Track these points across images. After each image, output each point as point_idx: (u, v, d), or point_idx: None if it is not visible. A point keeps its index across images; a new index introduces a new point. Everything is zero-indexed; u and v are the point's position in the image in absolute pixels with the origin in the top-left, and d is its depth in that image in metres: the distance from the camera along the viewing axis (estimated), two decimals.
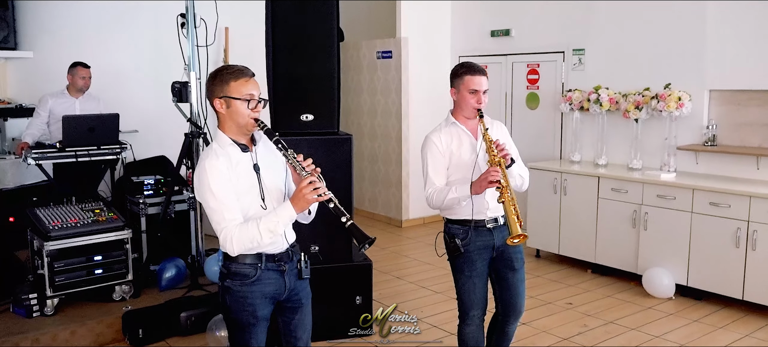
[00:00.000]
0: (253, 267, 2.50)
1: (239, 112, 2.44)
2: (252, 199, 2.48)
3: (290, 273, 2.60)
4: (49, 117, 5.43)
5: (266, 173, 2.52)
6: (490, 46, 7.17)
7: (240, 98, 2.43)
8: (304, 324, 2.71)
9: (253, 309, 2.52)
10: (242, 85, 2.44)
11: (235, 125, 2.48)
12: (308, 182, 2.37)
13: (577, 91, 6.14)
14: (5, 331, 3.97)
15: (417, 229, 7.46)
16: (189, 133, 4.87)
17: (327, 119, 4.19)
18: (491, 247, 3.14)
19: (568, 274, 5.72)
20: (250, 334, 2.56)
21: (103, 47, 6.42)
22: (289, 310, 2.66)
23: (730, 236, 4.72)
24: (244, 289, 2.51)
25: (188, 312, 4.30)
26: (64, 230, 4.24)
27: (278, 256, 2.55)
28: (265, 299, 2.55)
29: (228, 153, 2.45)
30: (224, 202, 2.39)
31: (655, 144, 5.66)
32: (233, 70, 2.47)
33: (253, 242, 2.40)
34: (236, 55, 7.07)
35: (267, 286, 2.54)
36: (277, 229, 2.41)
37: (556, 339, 4.32)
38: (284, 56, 4.12)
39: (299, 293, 2.65)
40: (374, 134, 7.95)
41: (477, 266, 3.14)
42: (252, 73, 2.49)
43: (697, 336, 4.37)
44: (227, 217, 2.39)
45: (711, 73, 5.34)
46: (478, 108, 3.04)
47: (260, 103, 2.48)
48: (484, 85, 3.06)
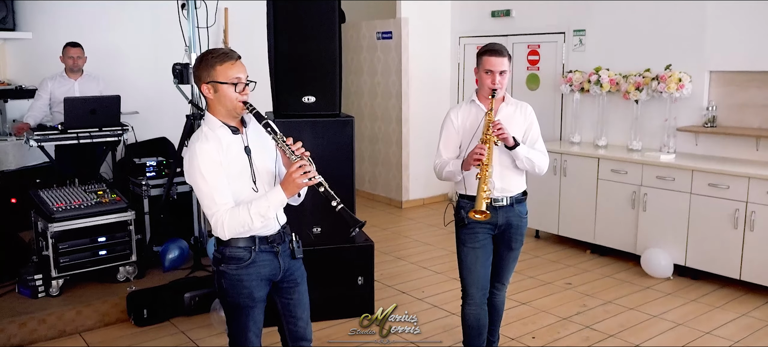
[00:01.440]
0: (247, 250, 2.51)
1: (227, 96, 2.42)
2: (243, 182, 2.47)
3: (284, 254, 2.61)
4: (51, 99, 5.43)
5: (257, 156, 2.51)
6: (491, 26, 7.15)
7: (227, 82, 2.40)
8: (303, 303, 2.73)
9: (249, 291, 2.54)
10: (228, 68, 2.41)
11: (224, 109, 2.45)
12: (298, 166, 2.35)
13: (577, 72, 6.14)
14: (11, 311, 4.01)
15: (417, 210, 7.50)
16: (190, 115, 4.87)
17: (329, 100, 4.19)
18: (494, 224, 3.20)
19: (567, 254, 5.77)
20: (247, 316, 2.57)
21: (103, 28, 6.39)
22: (286, 291, 2.67)
23: (729, 217, 4.76)
24: (240, 272, 2.52)
25: (192, 293, 4.35)
26: (68, 211, 4.27)
27: (271, 238, 2.56)
28: (261, 281, 2.56)
29: (218, 136, 2.44)
30: (215, 185, 2.39)
31: (655, 125, 5.68)
32: (218, 54, 2.43)
33: (244, 227, 2.40)
34: (236, 36, 7.05)
35: (262, 268, 2.55)
36: (268, 213, 2.41)
37: (555, 319, 4.38)
38: (285, 38, 4.11)
39: (294, 272, 2.67)
40: (374, 116, 7.96)
41: (479, 238, 3.20)
42: (238, 55, 2.46)
43: (694, 315, 4.43)
44: (218, 201, 2.39)
45: (711, 54, 5.35)
46: (492, 88, 3.09)
47: (248, 85, 2.46)
48: (499, 66, 3.08)
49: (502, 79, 3.09)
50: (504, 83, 3.11)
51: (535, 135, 3.21)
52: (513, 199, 3.20)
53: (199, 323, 4.24)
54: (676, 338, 4.08)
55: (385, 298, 4.69)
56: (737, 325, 4.27)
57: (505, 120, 3.14)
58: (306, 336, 2.76)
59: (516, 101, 3.26)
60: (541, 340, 4.05)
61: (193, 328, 4.18)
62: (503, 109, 3.20)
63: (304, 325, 2.74)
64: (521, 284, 5.01)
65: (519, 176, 3.23)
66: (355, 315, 4.29)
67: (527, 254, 5.79)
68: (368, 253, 4.33)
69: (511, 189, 3.20)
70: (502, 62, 3.08)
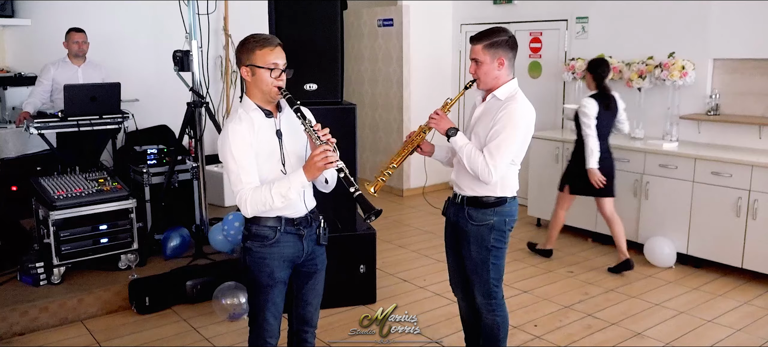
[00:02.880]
0: (273, 229, 2.58)
1: (263, 80, 2.50)
2: (272, 164, 2.55)
3: (309, 238, 2.67)
4: (52, 86, 5.40)
5: (288, 140, 2.59)
6: (493, 13, 7.11)
7: (264, 67, 2.49)
8: (317, 290, 2.80)
9: (270, 270, 2.61)
10: (267, 54, 2.49)
11: (260, 92, 2.54)
12: (320, 150, 2.42)
13: (579, 60, 6.11)
14: (14, 299, 4.00)
15: (418, 198, 7.49)
16: (191, 102, 4.85)
17: (330, 88, 4.17)
18: (449, 219, 3.11)
19: (568, 243, 5.77)
20: (266, 295, 2.64)
21: (102, 15, 6.36)
22: (304, 275, 2.74)
23: (731, 206, 4.75)
24: (264, 250, 2.59)
25: (194, 281, 4.34)
26: (69, 199, 4.25)
27: (297, 220, 2.62)
28: (283, 261, 2.63)
29: (251, 118, 2.53)
30: (242, 164, 2.47)
31: (658, 113, 5.66)
32: (259, 39, 2.52)
33: (265, 206, 2.47)
34: (236, 23, 7.01)
35: (285, 249, 2.61)
36: (288, 194, 2.46)
37: (557, 307, 4.38)
38: (287, 25, 4.07)
39: (315, 259, 2.74)
40: (375, 104, 7.93)
41: (446, 232, 3.17)
42: (278, 42, 2.54)
43: (696, 303, 4.43)
44: (243, 180, 2.48)
45: (715, 41, 5.32)
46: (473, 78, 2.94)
47: (284, 72, 2.54)
48: (472, 53, 2.90)
49: (478, 69, 2.86)
50: (481, 73, 2.86)
51: (492, 135, 2.80)
52: (465, 199, 2.96)
53: (201, 310, 4.24)
54: (678, 326, 4.09)
55: (387, 286, 4.70)
56: (739, 313, 4.28)
57: (480, 115, 2.93)
58: (311, 321, 2.83)
59: (509, 97, 2.86)
60: (544, 328, 4.05)
61: (195, 316, 4.18)
62: (487, 103, 2.92)
63: (312, 310, 2.81)
64: (523, 272, 5.01)
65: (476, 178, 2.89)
66: (357, 303, 4.31)
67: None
68: (371, 241, 4.32)
69: (464, 187, 2.97)
70: (472, 50, 2.89)
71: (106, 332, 3.97)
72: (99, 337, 3.90)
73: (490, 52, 2.84)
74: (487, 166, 2.78)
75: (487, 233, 2.92)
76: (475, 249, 2.96)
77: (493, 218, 2.92)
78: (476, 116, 2.97)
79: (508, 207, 2.95)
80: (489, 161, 2.78)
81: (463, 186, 2.98)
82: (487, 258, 2.96)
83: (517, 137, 2.81)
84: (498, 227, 2.93)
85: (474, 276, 3.02)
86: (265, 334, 2.69)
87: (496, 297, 3.04)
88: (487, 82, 2.88)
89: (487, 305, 3.04)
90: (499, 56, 2.84)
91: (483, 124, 2.89)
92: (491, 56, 2.84)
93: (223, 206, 6.34)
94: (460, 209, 2.99)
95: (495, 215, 2.92)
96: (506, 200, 2.94)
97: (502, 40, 2.84)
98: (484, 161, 2.79)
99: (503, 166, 2.81)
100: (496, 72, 2.86)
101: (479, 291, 3.03)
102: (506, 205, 2.94)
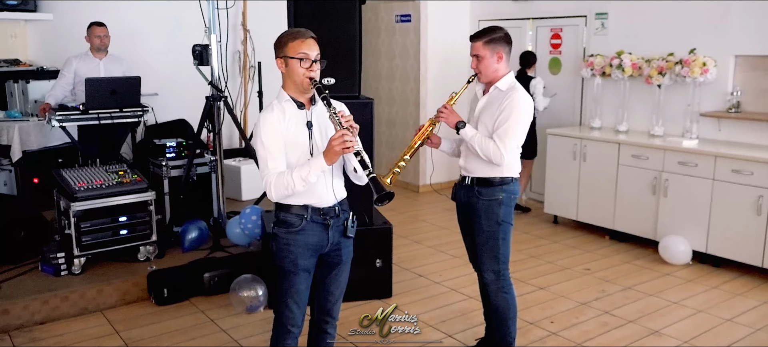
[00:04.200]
0: (299, 217, 2.65)
1: (295, 70, 2.60)
2: (301, 153, 2.62)
3: (335, 228, 2.72)
4: (75, 79, 5.47)
5: (318, 131, 2.66)
6: (511, 9, 7.07)
7: (294, 57, 2.58)
8: (339, 282, 2.84)
9: (294, 257, 2.67)
10: (298, 45, 2.58)
11: (293, 84, 2.63)
12: (339, 134, 2.48)
13: (599, 56, 6.06)
14: (35, 288, 4.07)
15: (434, 194, 7.47)
16: (210, 96, 4.89)
17: (348, 82, 4.18)
18: (459, 201, 3.35)
19: (585, 240, 5.74)
20: (290, 282, 2.69)
21: (122, 9, 6.42)
22: (328, 265, 2.79)
23: (752, 204, 4.69)
24: (289, 237, 2.66)
25: (211, 273, 4.39)
26: (90, 191, 4.31)
27: (324, 210, 2.68)
28: (307, 249, 2.68)
29: (283, 108, 2.64)
30: (270, 151, 2.58)
31: (678, 111, 5.60)
32: (292, 32, 2.64)
33: (287, 189, 2.56)
34: (255, 18, 7.05)
35: (310, 237, 2.67)
36: (308, 178, 2.53)
37: (573, 304, 4.36)
38: (306, 20, 4.08)
39: (341, 250, 2.78)
40: (392, 99, 7.93)
41: (457, 214, 3.42)
42: (310, 35, 2.62)
43: (715, 302, 4.39)
44: (270, 166, 2.58)
45: (736, 38, 5.25)
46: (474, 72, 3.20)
47: (315, 63, 2.60)
48: (472, 50, 3.16)
49: (479, 64, 3.13)
50: (482, 67, 3.12)
51: (499, 122, 3.07)
52: (474, 180, 3.23)
53: (219, 303, 4.28)
54: (696, 325, 4.05)
55: (403, 281, 4.71)
56: (759, 312, 4.23)
57: (484, 106, 3.19)
58: (332, 312, 2.88)
59: (510, 88, 3.13)
60: (560, 325, 4.04)
61: (212, 308, 4.22)
62: (490, 94, 3.18)
63: (334, 301, 2.86)
64: (539, 269, 4.99)
65: (483, 161, 3.14)
66: (373, 297, 4.32)
67: (545, 239, 5.76)
68: (387, 236, 4.33)
69: (472, 170, 3.23)
70: (473, 46, 3.14)
71: (126, 322, 4.02)
72: (118, 327, 3.95)
73: (489, 48, 3.11)
74: (498, 149, 3.05)
75: (497, 207, 3.18)
76: (486, 223, 3.20)
77: (501, 195, 3.18)
78: (480, 108, 3.23)
79: (513, 186, 3.23)
80: (500, 145, 3.05)
81: (471, 170, 3.23)
82: (497, 232, 3.20)
83: (522, 122, 3.08)
84: (506, 203, 3.20)
85: (485, 251, 3.24)
86: (287, 321, 2.74)
87: (505, 276, 3.27)
88: (487, 75, 3.16)
89: (496, 283, 3.26)
90: (498, 51, 3.12)
91: (489, 113, 3.14)
92: (491, 51, 3.12)
93: (240, 200, 6.38)
94: (470, 189, 3.24)
95: (503, 192, 3.18)
96: (511, 180, 3.21)
97: (499, 37, 3.13)
98: (495, 146, 3.06)
99: (512, 148, 3.09)
100: (495, 66, 3.13)
101: (488, 269, 3.25)
102: (511, 184, 3.21)
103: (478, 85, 3.27)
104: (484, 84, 3.23)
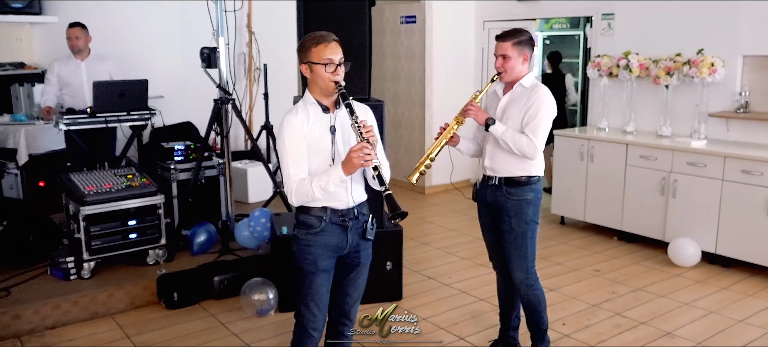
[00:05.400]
0: (318, 219, 2.67)
1: (320, 75, 2.60)
2: (323, 157, 2.64)
3: (354, 230, 2.73)
4: (59, 82, 5.40)
5: (341, 136, 2.67)
6: (517, 10, 7.06)
7: (319, 63, 2.58)
8: (357, 284, 2.86)
9: (314, 258, 2.69)
10: (322, 50, 2.59)
11: (319, 88, 2.64)
12: (358, 147, 2.49)
13: (605, 56, 6.05)
14: (45, 293, 4.06)
15: (440, 195, 7.47)
16: (218, 99, 4.87)
17: (359, 84, 4.17)
18: (484, 200, 3.36)
19: (593, 241, 5.73)
20: (310, 283, 2.71)
21: (128, 11, 6.40)
22: (347, 267, 2.80)
23: (762, 204, 4.68)
24: (309, 238, 2.69)
25: (221, 276, 4.37)
26: (99, 195, 4.29)
27: (343, 212, 2.70)
28: (326, 250, 2.70)
29: (307, 111, 2.65)
30: (292, 156, 2.60)
31: (685, 111, 5.59)
32: (314, 37, 2.63)
33: (307, 196, 2.60)
34: (260, 20, 7.03)
35: (330, 238, 2.69)
36: (327, 187, 2.56)
37: (585, 305, 4.35)
38: (315, 22, 4.07)
39: (360, 252, 2.79)
40: (397, 100, 7.92)
41: (480, 213, 3.46)
42: (333, 38, 2.63)
43: (726, 303, 4.38)
44: (291, 172, 2.61)
45: (745, 38, 5.24)
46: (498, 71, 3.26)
47: (340, 66, 2.61)
48: (499, 50, 3.21)
49: (505, 63, 3.19)
50: (508, 66, 3.18)
51: (529, 117, 3.15)
52: (502, 180, 3.26)
53: (229, 306, 4.27)
54: (708, 326, 4.04)
55: (412, 283, 4.69)
56: None
57: (507, 103, 3.25)
58: (349, 314, 2.90)
59: (534, 85, 3.22)
60: (572, 327, 4.03)
61: (222, 311, 4.21)
62: (514, 91, 3.25)
63: (351, 303, 2.88)
64: (549, 270, 4.98)
65: (511, 159, 3.21)
66: (383, 300, 4.29)
67: (553, 240, 5.75)
68: (397, 238, 4.32)
69: (499, 169, 3.27)
70: (500, 46, 3.20)
71: (136, 326, 4.01)
72: (129, 331, 3.94)
73: (517, 49, 3.19)
74: (532, 143, 3.13)
75: (526, 206, 3.24)
76: (515, 222, 3.25)
77: (530, 194, 3.24)
78: (503, 106, 3.27)
79: (539, 184, 3.30)
80: (533, 138, 3.13)
81: (498, 169, 3.26)
82: (526, 231, 3.25)
83: (549, 117, 3.17)
84: (534, 204, 3.26)
85: (514, 250, 3.28)
86: (307, 324, 2.75)
87: (533, 272, 3.33)
88: (512, 75, 3.22)
89: (525, 280, 3.32)
90: (525, 53, 3.21)
91: (515, 109, 3.21)
92: (518, 52, 3.19)
93: (247, 203, 6.37)
94: (498, 189, 3.28)
95: (531, 191, 3.25)
96: (538, 179, 3.28)
97: (526, 39, 3.21)
98: (528, 140, 3.13)
99: (542, 141, 3.16)
100: (520, 66, 3.21)
101: (518, 267, 3.30)
102: (538, 183, 3.29)
103: (498, 84, 3.34)
104: (505, 83, 3.30)
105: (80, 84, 5.42)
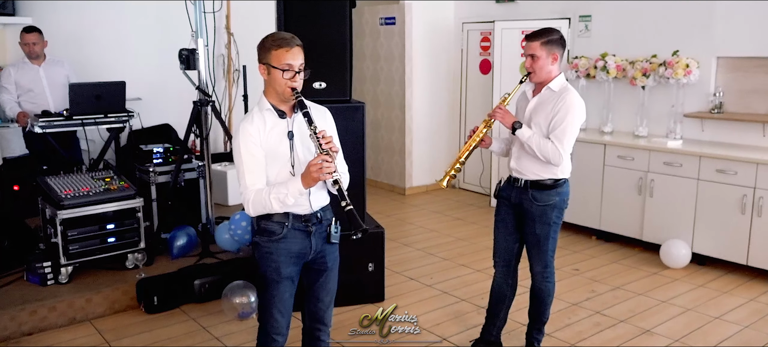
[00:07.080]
0: (280, 225, 2.59)
1: (277, 80, 2.50)
2: (282, 164, 2.55)
3: (317, 235, 2.66)
4: (18, 89, 5.30)
5: (300, 143, 2.57)
6: (495, 12, 7.11)
7: (278, 67, 2.48)
8: (328, 288, 2.78)
9: (277, 265, 2.61)
10: (282, 54, 2.48)
11: (275, 92, 2.55)
12: (318, 161, 2.41)
13: (583, 58, 6.12)
14: (22, 299, 3.98)
15: (420, 196, 7.49)
16: (197, 101, 4.83)
17: (339, 86, 4.16)
18: (511, 201, 3.38)
19: (572, 241, 5.79)
20: (274, 291, 2.64)
21: (105, 13, 6.31)
22: (315, 272, 2.74)
23: (736, 203, 4.77)
24: (271, 246, 2.60)
25: (202, 280, 4.34)
26: (77, 198, 4.23)
27: (305, 217, 2.62)
28: (290, 257, 2.62)
29: (264, 117, 2.54)
30: (248, 166, 2.51)
31: (662, 112, 5.68)
32: (277, 39, 2.51)
33: (265, 208, 2.52)
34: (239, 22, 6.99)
35: (293, 244, 2.61)
36: (286, 200, 2.49)
37: (565, 304, 4.39)
38: (295, 23, 4.05)
39: (325, 256, 2.72)
40: (377, 102, 7.93)
41: (501, 211, 3.46)
42: (297, 43, 2.52)
43: (703, 300, 4.45)
44: (247, 181, 2.52)
45: (719, 39, 5.34)
46: (528, 71, 3.25)
47: (299, 73, 2.52)
48: (528, 50, 3.20)
49: (534, 63, 3.16)
50: (537, 66, 3.16)
51: (556, 123, 3.14)
52: (528, 183, 3.28)
53: (210, 310, 4.23)
54: (686, 323, 4.11)
55: (395, 284, 4.70)
56: (746, 310, 4.30)
57: (535, 107, 3.25)
58: (324, 319, 2.82)
59: (562, 89, 3.19)
60: (553, 326, 4.05)
61: (204, 315, 4.17)
62: (542, 94, 3.23)
63: (324, 308, 2.80)
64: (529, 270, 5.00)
65: (538, 162, 3.22)
66: (365, 301, 4.31)
67: None
68: (379, 240, 4.32)
69: (525, 172, 3.28)
70: (529, 46, 3.18)
71: (115, 331, 3.96)
72: (108, 337, 3.89)
73: (546, 49, 3.15)
74: (557, 150, 3.12)
75: (550, 211, 3.27)
76: (539, 226, 3.29)
77: (556, 198, 3.26)
78: (531, 108, 3.27)
79: (566, 188, 3.31)
80: (558, 145, 3.11)
81: (524, 172, 3.28)
82: (548, 233, 3.31)
83: (576, 123, 3.15)
84: (559, 207, 3.29)
85: (535, 249, 3.37)
86: (271, 330, 2.69)
87: (551, 266, 3.42)
88: (541, 76, 3.19)
89: (542, 273, 3.41)
90: (554, 53, 3.17)
91: (542, 113, 3.19)
92: (547, 52, 3.15)
93: (228, 206, 6.32)
94: (524, 192, 3.29)
95: (557, 195, 3.26)
96: (565, 182, 3.29)
97: (556, 39, 3.17)
98: (554, 146, 3.12)
99: (569, 148, 3.16)
100: (549, 67, 3.17)
101: (538, 262, 3.39)
102: (565, 186, 3.29)
103: (528, 85, 3.32)
104: (535, 84, 3.27)
105: (42, 90, 5.34)
